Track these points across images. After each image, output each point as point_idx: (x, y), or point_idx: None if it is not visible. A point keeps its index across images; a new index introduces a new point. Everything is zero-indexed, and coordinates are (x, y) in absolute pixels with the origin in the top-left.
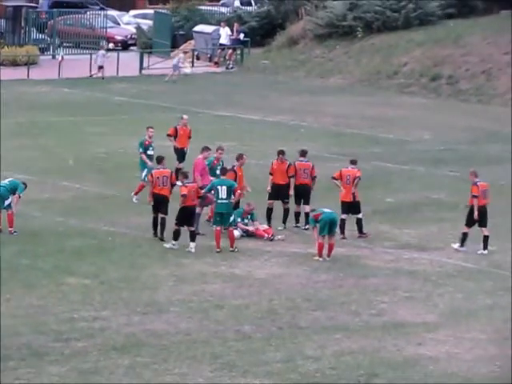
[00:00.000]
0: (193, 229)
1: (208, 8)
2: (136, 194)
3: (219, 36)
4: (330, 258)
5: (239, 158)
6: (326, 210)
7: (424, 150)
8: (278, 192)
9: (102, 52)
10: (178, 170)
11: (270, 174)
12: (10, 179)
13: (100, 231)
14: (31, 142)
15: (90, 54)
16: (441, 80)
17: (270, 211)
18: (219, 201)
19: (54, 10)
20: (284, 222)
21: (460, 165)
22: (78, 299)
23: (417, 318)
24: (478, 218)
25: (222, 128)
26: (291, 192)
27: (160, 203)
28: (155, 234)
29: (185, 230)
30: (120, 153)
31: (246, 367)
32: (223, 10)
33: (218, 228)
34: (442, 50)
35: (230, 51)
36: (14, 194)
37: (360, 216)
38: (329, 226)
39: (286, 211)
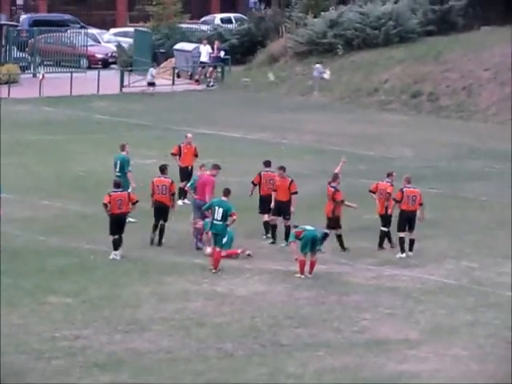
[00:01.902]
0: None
1: (188, 26)
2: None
3: (200, 54)
4: (312, 275)
5: (336, 178)
6: (309, 227)
7: (405, 166)
8: (280, 208)
9: (152, 69)
10: (181, 190)
11: (274, 190)
12: None
13: (81, 250)
14: (13, 160)
15: (71, 73)
16: (421, 97)
17: (273, 227)
18: (214, 221)
19: (35, 28)
20: (286, 238)
21: (441, 181)
22: (60, 318)
23: (398, 334)
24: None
25: (202, 146)
26: (293, 209)
27: (160, 210)
28: (153, 239)
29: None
30: (100, 171)
31: None
32: (204, 27)
33: (212, 248)
34: (423, 67)
35: (211, 69)
36: None
37: (385, 229)
38: (311, 244)
39: (287, 228)
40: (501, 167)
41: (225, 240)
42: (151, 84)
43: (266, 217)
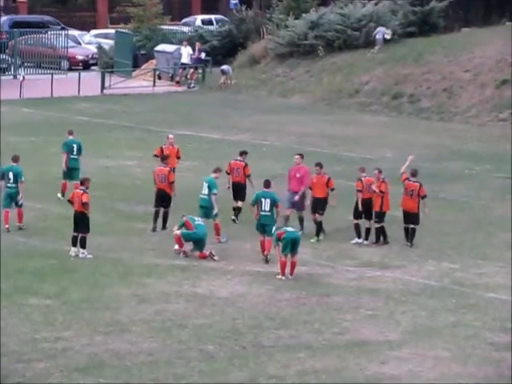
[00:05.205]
0: (83, 235)
1: (169, 27)
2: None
3: (180, 55)
4: (293, 276)
5: (416, 173)
6: (290, 228)
7: (386, 168)
8: (316, 205)
9: (226, 66)
10: None
11: (310, 188)
12: None
13: (62, 251)
14: None
15: (52, 74)
16: (402, 98)
17: (316, 224)
18: (262, 212)
19: (15, 30)
20: (317, 234)
21: (422, 183)
22: (40, 320)
23: (380, 336)
24: (362, 209)
25: (183, 147)
26: (334, 203)
27: (162, 198)
28: (154, 228)
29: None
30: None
31: None
32: (185, 29)
33: (262, 238)
34: (403, 69)
35: (192, 70)
36: None
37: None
38: (291, 245)
39: (319, 224)
40: (481, 169)
41: (274, 229)
42: (224, 73)
43: (235, 203)
